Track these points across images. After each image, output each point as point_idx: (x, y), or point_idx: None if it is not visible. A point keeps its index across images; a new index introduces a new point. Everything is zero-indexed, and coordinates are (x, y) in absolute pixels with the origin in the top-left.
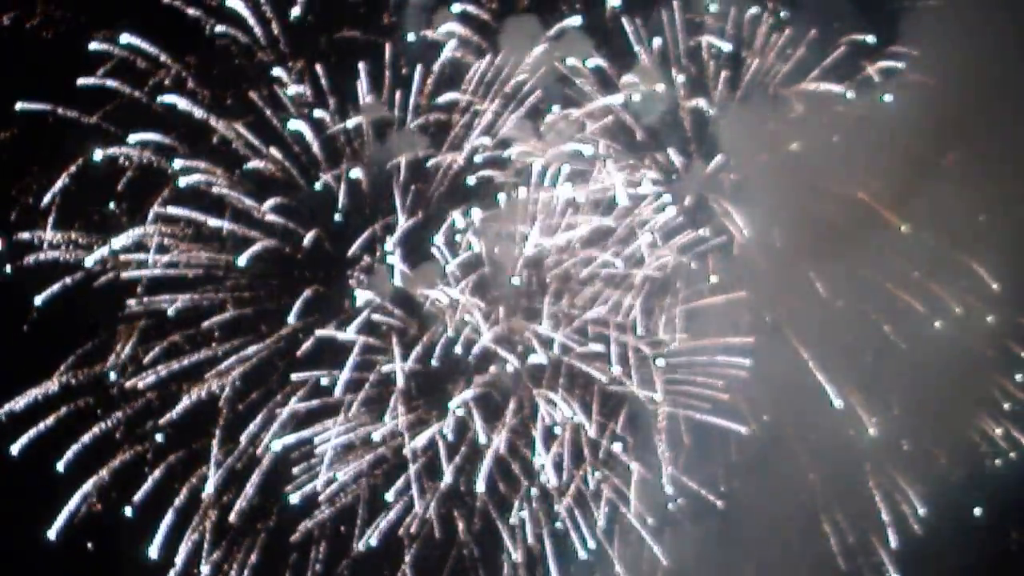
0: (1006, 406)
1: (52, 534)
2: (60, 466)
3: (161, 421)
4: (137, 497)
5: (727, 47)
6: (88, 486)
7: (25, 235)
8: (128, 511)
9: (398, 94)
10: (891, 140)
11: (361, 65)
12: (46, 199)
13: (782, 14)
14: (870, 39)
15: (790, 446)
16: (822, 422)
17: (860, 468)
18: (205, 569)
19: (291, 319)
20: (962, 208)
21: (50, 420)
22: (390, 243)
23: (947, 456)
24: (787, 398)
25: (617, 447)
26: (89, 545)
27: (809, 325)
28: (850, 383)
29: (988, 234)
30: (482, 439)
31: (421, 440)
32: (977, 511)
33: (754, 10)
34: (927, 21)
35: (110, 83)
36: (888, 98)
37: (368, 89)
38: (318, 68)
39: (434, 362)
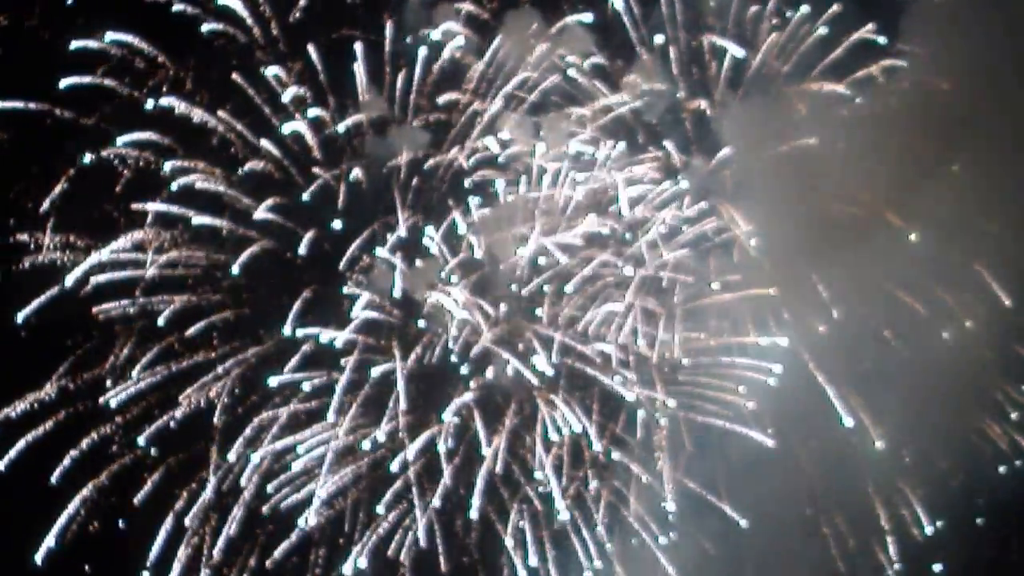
0: (1013, 415)
1: (51, 539)
2: (55, 476)
3: (157, 426)
4: (136, 500)
5: (733, 48)
6: (87, 490)
7: (23, 237)
8: (122, 523)
9: (398, 93)
10: (895, 141)
11: (361, 64)
12: (45, 204)
13: (787, 14)
14: (874, 37)
15: (792, 450)
16: (825, 427)
17: (863, 474)
18: (204, 573)
19: (289, 321)
20: (968, 212)
21: (49, 424)
22: (390, 243)
23: (952, 463)
24: (790, 403)
25: (617, 449)
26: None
27: (812, 330)
28: (853, 388)
29: (994, 239)
30: (483, 444)
31: (420, 443)
32: (980, 519)
33: (756, 8)
34: (931, 19)
35: (108, 83)
36: (892, 99)
37: (367, 88)
38: (317, 67)
39: (433, 362)
